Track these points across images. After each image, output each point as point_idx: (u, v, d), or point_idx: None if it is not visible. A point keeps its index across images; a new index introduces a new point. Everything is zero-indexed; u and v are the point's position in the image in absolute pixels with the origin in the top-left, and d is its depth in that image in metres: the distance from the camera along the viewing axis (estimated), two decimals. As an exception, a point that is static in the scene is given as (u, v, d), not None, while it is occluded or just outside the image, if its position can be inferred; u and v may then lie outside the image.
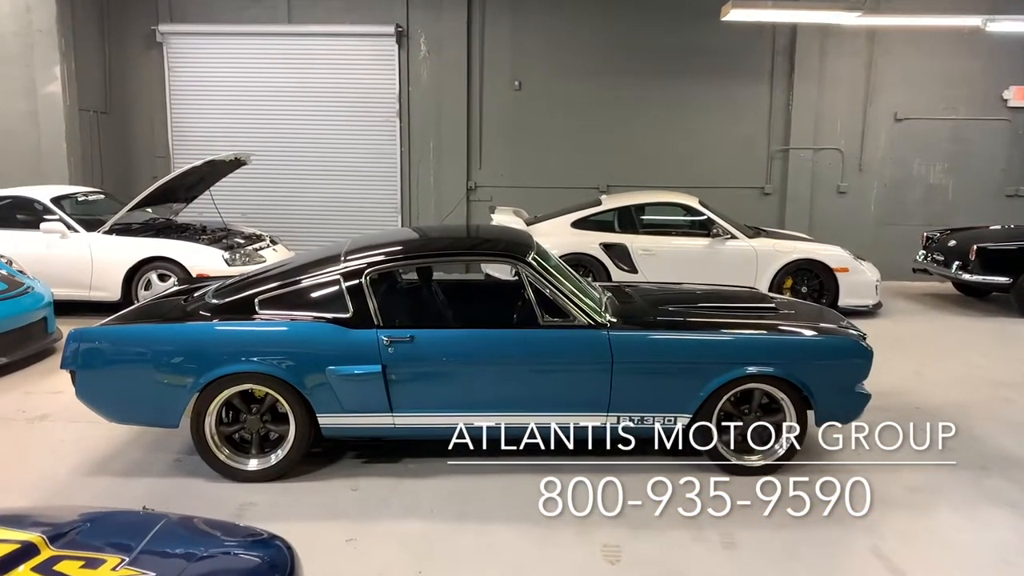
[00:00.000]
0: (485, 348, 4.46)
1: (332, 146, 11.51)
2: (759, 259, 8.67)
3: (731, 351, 4.56)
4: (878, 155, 11.17)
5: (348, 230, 11.25)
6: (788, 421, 4.59)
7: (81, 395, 4.47)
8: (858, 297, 8.73)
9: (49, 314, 7.07)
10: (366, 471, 4.67)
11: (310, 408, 4.43)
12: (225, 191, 10.23)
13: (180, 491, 4.40)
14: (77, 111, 10.57)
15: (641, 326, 4.63)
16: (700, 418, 4.51)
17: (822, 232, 10.42)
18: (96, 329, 4.50)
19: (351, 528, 4.00)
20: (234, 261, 8.25)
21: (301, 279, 4.58)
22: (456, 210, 11.30)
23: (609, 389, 4.46)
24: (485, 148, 11.38)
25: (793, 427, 4.57)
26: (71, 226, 8.26)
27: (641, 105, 11.22)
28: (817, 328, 4.82)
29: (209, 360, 4.35)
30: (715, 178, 11.05)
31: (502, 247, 4.78)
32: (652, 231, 8.98)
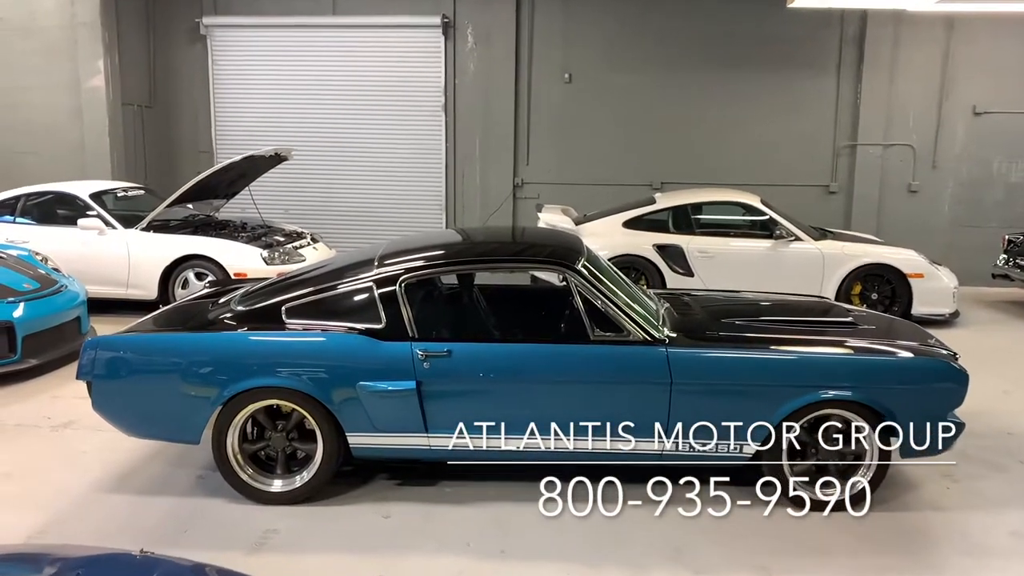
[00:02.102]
0: (528, 365, 4.05)
1: (376, 141, 11.22)
2: (825, 263, 8.08)
3: (805, 372, 4.07)
4: (954, 151, 10.42)
5: (391, 227, 11.03)
6: (868, 452, 4.10)
7: (97, 407, 4.18)
8: (933, 305, 8.08)
9: (83, 313, 6.86)
10: (399, 495, 4.30)
11: (339, 426, 4.08)
12: (267, 187, 10.02)
13: (199, 514, 4.09)
14: (120, 106, 10.45)
15: (703, 342, 4.17)
16: (769, 446, 4.05)
17: (891, 234, 9.76)
18: (113, 337, 4.22)
19: (379, 564, 3.63)
20: (273, 260, 7.99)
21: (331, 286, 4.23)
22: (502, 208, 10.91)
23: (667, 412, 4.01)
24: (533, 144, 10.96)
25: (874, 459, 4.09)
26: (108, 222, 8.08)
27: (698, 98, 10.67)
28: (902, 347, 4.28)
29: (231, 373, 4.02)
30: (776, 175, 10.44)
31: (548, 252, 4.35)
32: (709, 232, 8.45)
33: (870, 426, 4.05)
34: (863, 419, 4.04)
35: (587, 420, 4.04)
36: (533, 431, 4.04)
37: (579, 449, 4.07)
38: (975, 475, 4.61)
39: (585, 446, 4.06)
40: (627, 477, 3.84)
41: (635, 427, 4.05)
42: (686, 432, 4.04)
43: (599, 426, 4.05)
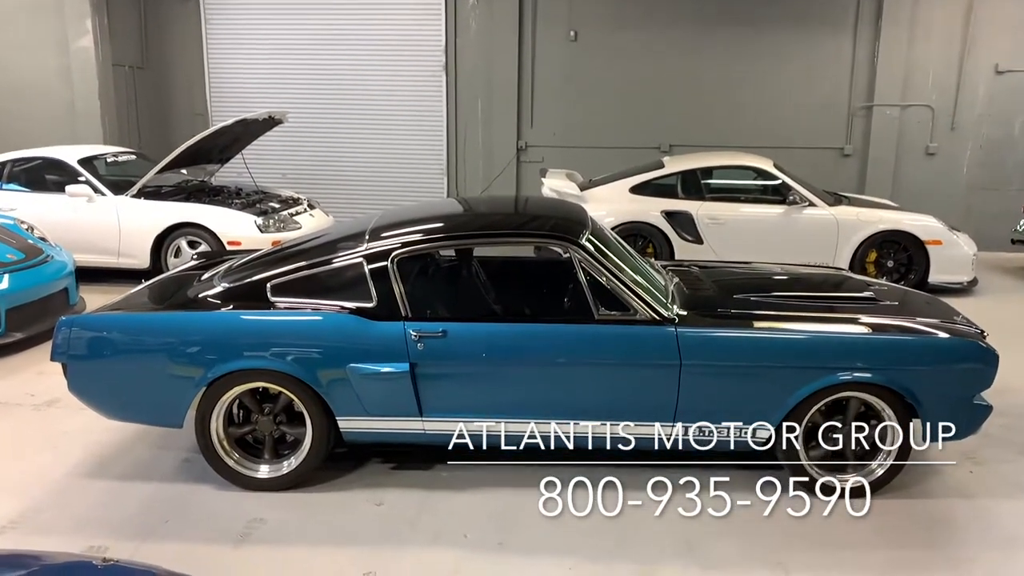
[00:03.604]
0: (528, 346, 3.81)
1: (375, 103, 10.88)
2: (840, 229, 7.77)
3: (824, 353, 3.81)
4: (974, 112, 10.02)
5: (391, 192, 10.76)
6: (889, 435, 3.87)
7: (74, 389, 3.97)
8: (951, 273, 7.79)
9: (71, 284, 6.64)
10: (393, 480, 4.09)
11: (329, 409, 3.86)
12: (263, 152, 9.75)
13: (182, 502, 3.88)
14: (111, 66, 10.13)
15: (715, 321, 3.91)
16: (784, 430, 3.82)
17: (907, 198, 9.44)
18: (88, 317, 3.99)
19: (370, 557, 3.42)
20: (268, 227, 7.73)
21: (319, 262, 3.97)
22: (505, 173, 10.59)
23: (676, 395, 3.78)
24: (537, 105, 10.59)
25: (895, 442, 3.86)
26: (98, 189, 7.82)
27: (709, 58, 10.27)
28: (927, 324, 4.01)
29: (213, 354, 3.79)
30: (789, 138, 10.09)
31: (551, 226, 4.07)
32: (720, 197, 8.12)
33: (892, 410, 3.81)
34: (885, 402, 3.81)
35: (591, 404, 3.83)
36: (533, 415, 3.83)
37: (582, 434, 3.87)
38: (1000, 458, 4.38)
39: (588, 431, 3.86)
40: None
41: (642, 411, 3.83)
42: (695, 416, 3.82)
43: (603, 410, 3.83)
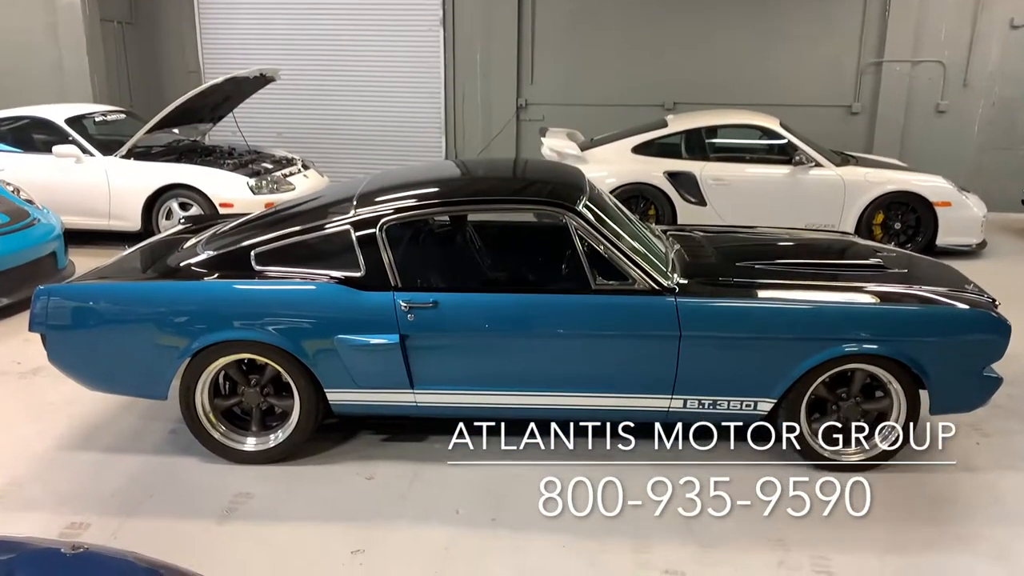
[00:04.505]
0: (523, 317, 3.67)
1: (371, 58, 10.61)
2: (847, 190, 7.56)
3: (829, 324, 3.66)
4: (987, 68, 9.71)
5: (389, 150, 10.56)
6: (896, 409, 3.75)
7: (54, 360, 3.85)
8: (960, 235, 7.61)
9: (59, 248, 6.49)
10: (384, 452, 3.99)
11: (318, 381, 3.74)
12: (257, 111, 9.54)
13: (168, 475, 3.79)
14: (99, 21, 9.84)
15: (716, 290, 3.76)
16: (786, 403, 3.71)
17: (915, 157, 9.21)
18: (65, 286, 3.84)
19: (359, 534, 3.33)
20: (260, 189, 7.57)
21: (305, 229, 3.82)
22: (505, 131, 10.35)
23: (675, 367, 3.65)
24: (538, 61, 10.31)
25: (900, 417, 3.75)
26: (86, 149, 7.64)
27: (715, 11, 9.95)
28: (936, 293, 3.86)
29: (196, 325, 3.66)
30: (795, 95, 9.82)
31: (548, 192, 3.89)
32: (724, 157, 7.90)
33: (898, 382, 3.69)
34: (891, 373, 3.68)
35: (587, 376, 3.72)
36: (528, 388, 3.73)
37: (577, 406, 3.77)
38: (1007, 429, 4.26)
39: (584, 403, 3.76)
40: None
41: (639, 384, 3.72)
42: (694, 388, 3.70)
43: (600, 382, 3.72)
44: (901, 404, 3.74)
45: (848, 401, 3.75)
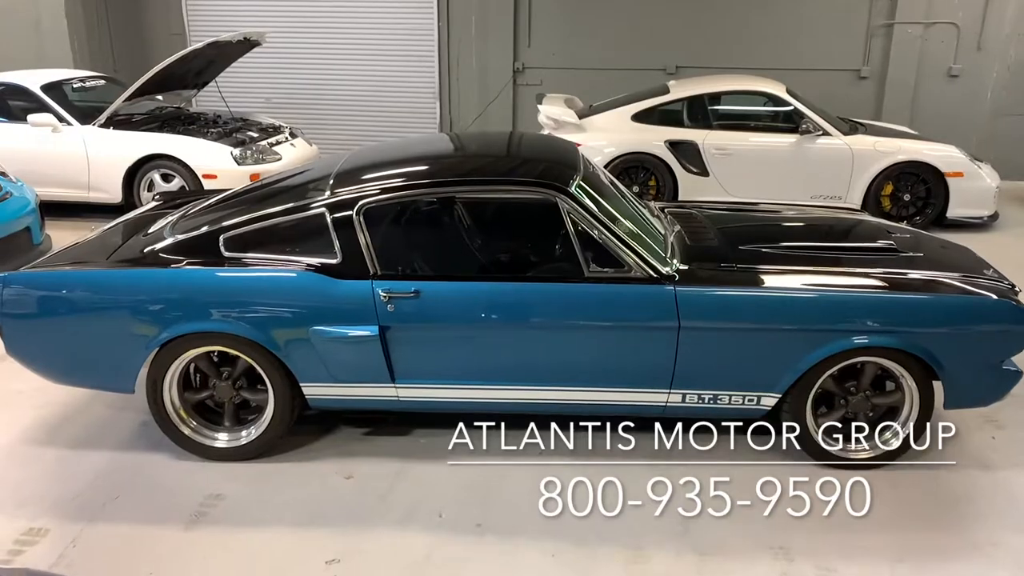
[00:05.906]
0: (510, 307, 3.42)
1: (362, 21, 10.20)
2: (855, 160, 7.25)
3: (838, 314, 3.42)
4: (1004, 30, 9.30)
5: (382, 117, 10.23)
6: (908, 404, 3.53)
7: (12, 351, 3.62)
8: (972, 207, 7.31)
9: (34, 223, 6.19)
10: (365, 448, 3.78)
11: (293, 375, 3.51)
12: (244, 76, 9.22)
13: (136, 473, 3.58)
14: (78, -21, 9.43)
15: (717, 277, 3.50)
16: (792, 398, 3.48)
17: (926, 123, 8.85)
18: (23, 274, 3.59)
19: (335, 541, 3.13)
20: (245, 159, 7.26)
21: (277, 212, 3.55)
22: (501, 97, 10.00)
23: (674, 359, 3.42)
24: (535, 23, 9.91)
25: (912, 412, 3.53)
26: (63, 118, 7.31)
27: (719, -30, 9.54)
28: (953, 280, 3.60)
29: (161, 316, 3.43)
30: (802, 59, 9.44)
31: (538, 172, 3.61)
32: (728, 125, 7.58)
33: (911, 376, 3.46)
34: (904, 367, 3.45)
35: (579, 369, 3.49)
36: (517, 382, 3.51)
37: (569, 401, 3.55)
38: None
39: (576, 398, 3.54)
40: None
41: (635, 376, 3.49)
42: (694, 382, 3.47)
43: (593, 376, 3.50)
44: (914, 399, 3.52)
45: (857, 395, 3.53)
